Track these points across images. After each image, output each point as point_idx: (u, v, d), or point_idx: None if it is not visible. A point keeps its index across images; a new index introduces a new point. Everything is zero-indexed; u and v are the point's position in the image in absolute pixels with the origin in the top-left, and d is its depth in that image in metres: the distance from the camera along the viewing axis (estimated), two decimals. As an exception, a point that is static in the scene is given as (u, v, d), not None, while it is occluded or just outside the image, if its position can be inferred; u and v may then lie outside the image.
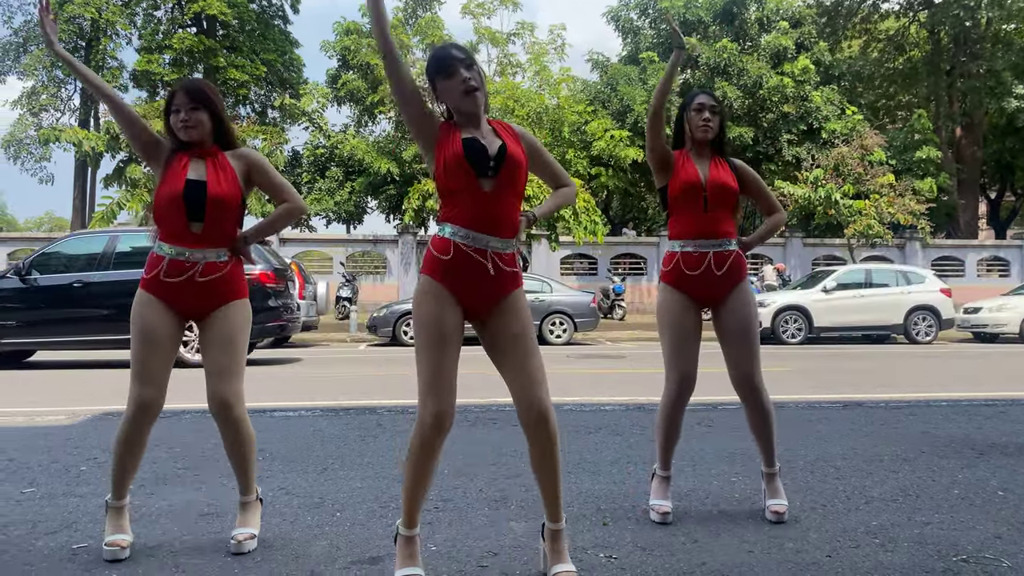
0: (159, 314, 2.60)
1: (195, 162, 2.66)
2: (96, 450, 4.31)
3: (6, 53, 28.76)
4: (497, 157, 2.27)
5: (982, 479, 3.61)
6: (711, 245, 2.95)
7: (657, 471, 3.09)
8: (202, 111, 2.64)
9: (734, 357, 2.99)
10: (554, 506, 2.34)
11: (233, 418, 2.63)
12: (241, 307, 2.69)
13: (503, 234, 2.28)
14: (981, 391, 7.00)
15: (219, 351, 2.63)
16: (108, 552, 2.53)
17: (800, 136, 24.73)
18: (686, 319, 2.98)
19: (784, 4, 26.25)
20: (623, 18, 28.18)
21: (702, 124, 2.99)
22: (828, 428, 5.00)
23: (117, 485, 2.63)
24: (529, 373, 2.28)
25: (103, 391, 6.99)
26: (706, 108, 3.00)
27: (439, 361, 2.23)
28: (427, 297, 2.27)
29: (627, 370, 9.32)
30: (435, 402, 2.21)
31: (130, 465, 2.63)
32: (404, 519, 2.31)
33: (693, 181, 2.95)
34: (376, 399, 6.47)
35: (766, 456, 3.07)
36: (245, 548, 2.60)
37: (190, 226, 2.59)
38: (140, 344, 2.58)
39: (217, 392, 2.61)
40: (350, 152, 23.34)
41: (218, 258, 2.63)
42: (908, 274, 16.03)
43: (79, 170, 28.16)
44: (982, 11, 25.77)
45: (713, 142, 3.05)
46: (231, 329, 2.65)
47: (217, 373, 2.62)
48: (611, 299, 20.00)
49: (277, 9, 30.94)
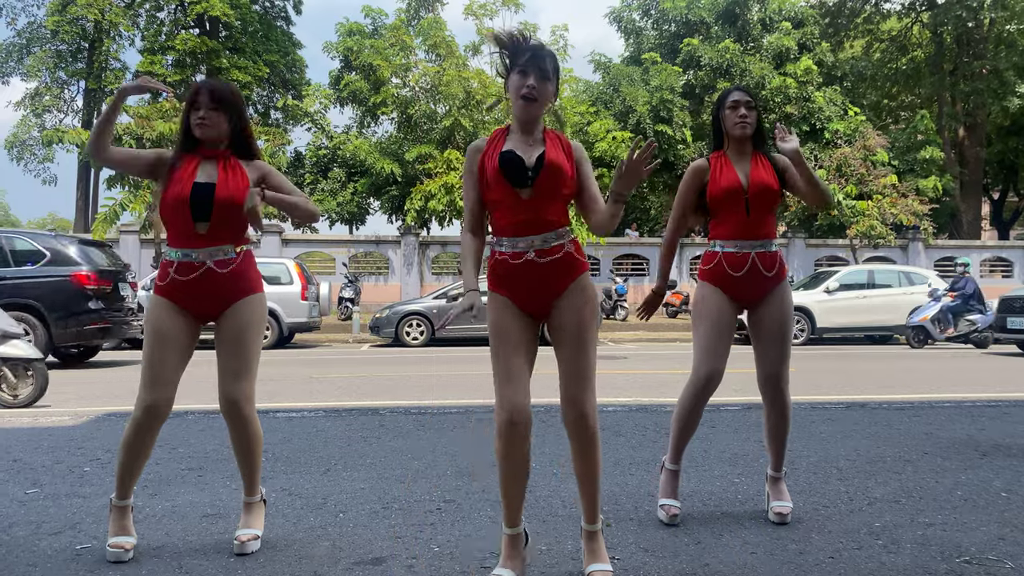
0: (171, 316, 2.60)
1: (206, 164, 2.65)
2: (100, 451, 4.32)
3: (9, 54, 28.84)
4: (535, 167, 2.26)
5: (985, 480, 3.61)
6: (754, 246, 2.93)
7: (666, 464, 3.07)
8: (221, 113, 2.63)
9: (767, 356, 2.97)
10: (590, 507, 2.36)
11: (243, 417, 2.63)
12: (253, 303, 2.68)
13: (543, 230, 2.28)
14: (984, 392, 6.99)
15: (230, 349, 2.63)
16: (112, 554, 2.53)
17: (803, 137, 24.69)
18: (724, 315, 2.96)
19: (786, 5, 26.24)
20: (625, 19, 28.19)
21: (739, 121, 2.95)
22: (831, 429, 4.99)
23: (121, 485, 2.63)
24: (574, 370, 2.28)
25: (107, 392, 7.00)
26: (741, 104, 2.96)
27: (503, 363, 2.26)
28: (490, 305, 2.34)
29: (630, 371, 9.31)
30: (499, 406, 2.23)
31: (135, 466, 2.63)
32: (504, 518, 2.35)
33: (734, 186, 2.91)
34: (379, 400, 6.47)
35: (776, 460, 3.05)
36: (248, 549, 2.61)
37: (196, 227, 2.58)
38: (152, 345, 2.59)
39: (227, 391, 2.61)
40: (352, 153, 23.35)
41: (225, 255, 2.62)
42: (911, 275, 16.00)
43: (82, 171, 28.21)
44: (985, 11, 25.75)
45: (753, 138, 3.01)
46: (242, 327, 2.64)
47: (228, 371, 2.62)
48: (613, 300, 19.99)
49: (280, 10, 31.01)
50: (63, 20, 26.50)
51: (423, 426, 5.14)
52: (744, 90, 3.01)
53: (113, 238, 19.61)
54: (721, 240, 2.97)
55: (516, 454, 2.25)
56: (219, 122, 2.64)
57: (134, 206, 17.29)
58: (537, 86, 2.27)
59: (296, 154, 26.69)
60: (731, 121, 2.97)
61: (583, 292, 2.33)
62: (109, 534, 2.59)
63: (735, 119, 2.96)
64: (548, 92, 2.30)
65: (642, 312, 3.16)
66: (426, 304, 14.68)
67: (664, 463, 3.09)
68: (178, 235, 2.60)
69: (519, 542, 2.34)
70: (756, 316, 3.01)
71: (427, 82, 22.22)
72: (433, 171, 20.70)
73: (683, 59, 25.26)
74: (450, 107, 21.46)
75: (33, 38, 28.75)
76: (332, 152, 25.03)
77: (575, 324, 2.30)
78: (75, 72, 28.44)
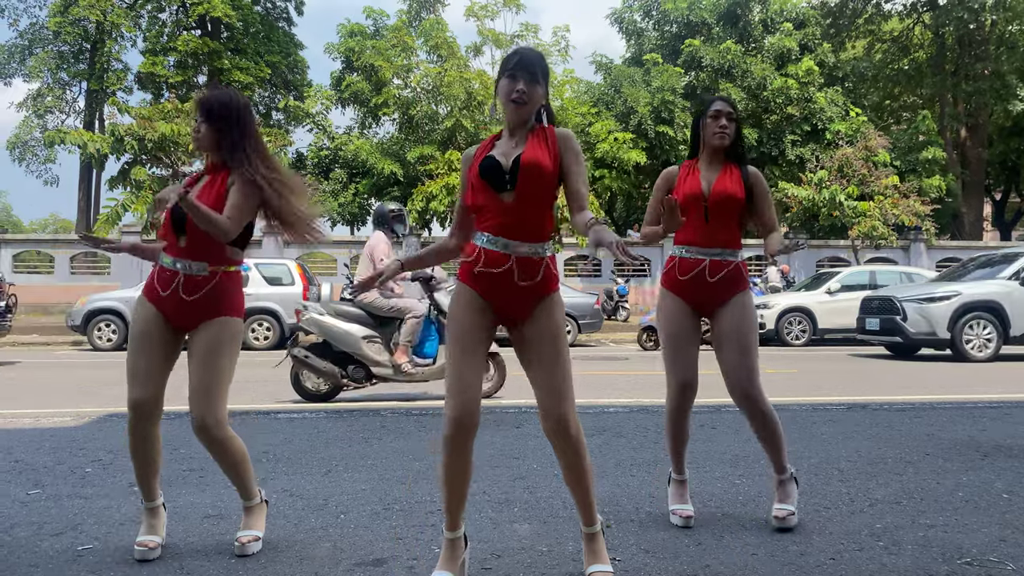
0: (151, 317, 2.62)
1: (203, 181, 2.68)
2: (101, 452, 4.32)
3: (11, 55, 28.90)
4: (512, 170, 2.26)
5: (987, 482, 3.60)
6: (708, 253, 2.94)
7: (672, 476, 3.09)
8: (204, 123, 2.64)
9: (728, 367, 2.94)
10: (586, 511, 2.36)
11: (212, 439, 2.58)
12: (225, 324, 2.62)
13: (529, 239, 2.27)
14: (986, 393, 6.98)
15: (196, 367, 2.58)
16: (137, 552, 2.57)
17: (804, 137, 24.72)
18: (682, 324, 2.98)
19: (788, 5, 26.25)
20: (627, 20, 28.21)
21: (718, 131, 2.97)
22: (832, 430, 4.99)
23: (142, 488, 2.66)
24: (550, 383, 2.26)
25: (108, 393, 7.01)
26: (723, 115, 2.97)
27: (457, 363, 2.25)
28: (456, 299, 2.33)
29: (630, 372, 9.31)
30: (451, 403, 2.22)
31: (146, 467, 2.64)
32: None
33: (695, 192, 2.94)
34: (380, 401, 6.48)
35: (775, 463, 3.02)
36: (249, 551, 2.61)
37: (178, 240, 2.60)
38: (132, 345, 2.62)
39: (196, 415, 2.56)
40: (354, 154, 23.38)
41: (197, 272, 2.59)
42: (913, 276, 15.97)
43: (84, 172, 28.26)
44: (986, 12, 25.73)
45: (729, 150, 3.02)
46: (212, 345, 2.59)
47: (197, 391, 2.56)
48: (615, 300, 19.99)
49: (281, 11, 31.04)
50: (65, 21, 26.56)
51: (424, 427, 5.14)
52: (728, 101, 3.03)
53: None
54: (678, 245, 3.00)
55: (462, 456, 2.24)
56: (208, 135, 2.64)
57: (136, 207, 17.32)
58: (526, 90, 2.27)
59: (298, 155, 26.71)
60: (710, 130, 2.98)
61: (554, 305, 2.32)
62: (139, 533, 2.64)
63: (715, 128, 2.97)
64: (537, 95, 2.30)
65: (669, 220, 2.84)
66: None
67: (671, 475, 3.10)
68: (168, 245, 2.64)
69: (459, 546, 2.33)
70: (715, 327, 3.00)
71: (428, 83, 22.23)
72: (435, 172, 20.71)
73: (684, 60, 25.27)
74: (451, 108, 21.47)
75: (35, 39, 28.81)
76: (334, 153, 25.06)
77: (550, 335, 2.29)
78: (77, 73, 28.50)
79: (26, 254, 20.93)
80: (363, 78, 23.49)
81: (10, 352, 12.99)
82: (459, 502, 2.30)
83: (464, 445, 2.23)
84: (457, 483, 2.27)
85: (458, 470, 2.25)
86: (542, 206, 2.29)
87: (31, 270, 20.50)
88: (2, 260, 20.10)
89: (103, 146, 18.41)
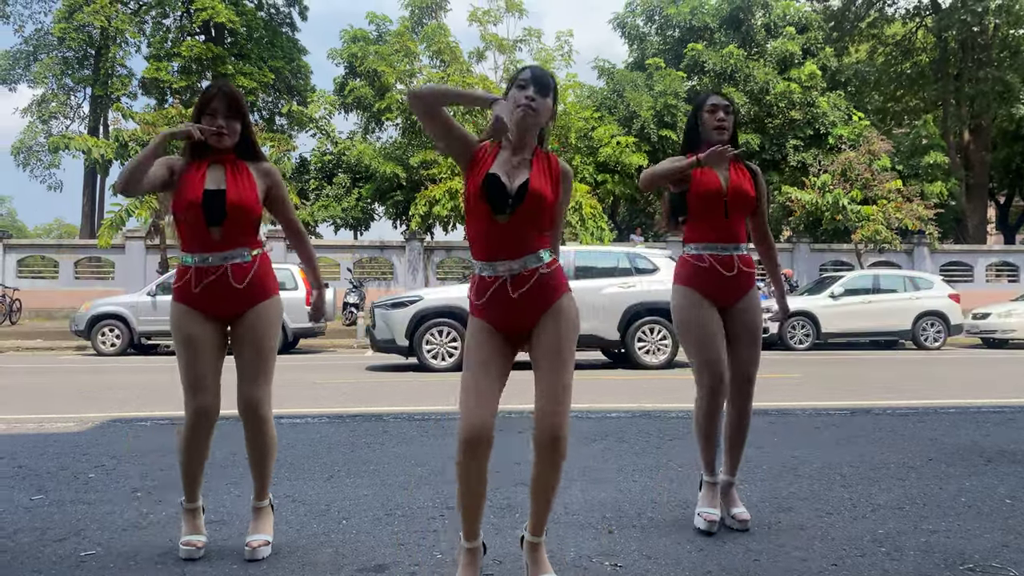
0: (197, 322, 2.64)
1: (213, 170, 2.67)
2: (104, 457, 4.33)
3: (16, 61, 29.03)
4: (516, 196, 2.23)
5: (990, 487, 3.59)
6: (736, 249, 2.95)
7: (704, 478, 3.03)
8: (236, 121, 2.67)
9: (740, 357, 2.98)
10: (540, 520, 2.34)
11: (260, 418, 2.67)
12: (270, 306, 2.71)
13: (518, 255, 2.25)
14: (989, 398, 6.96)
15: (249, 352, 2.66)
16: (184, 551, 2.61)
17: (806, 142, 24.70)
18: (710, 316, 2.94)
19: (791, 10, 26.26)
20: (629, 24, 28.25)
21: (717, 124, 2.95)
22: (834, 435, 4.98)
23: (188, 490, 2.70)
24: (548, 391, 2.25)
25: (112, 398, 7.02)
26: (720, 108, 2.96)
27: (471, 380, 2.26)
28: (470, 327, 2.35)
29: (633, 377, 9.30)
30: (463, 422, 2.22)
31: (197, 470, 2.69)
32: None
33: (714, 189, 2.91)
34: (383, 406, 6.48)
35: (735, 464, 3.07)
36: (259, 555, 2.62)
37: (210, 232, 2.61)
38: (185, 353, 2.63)
39: (247, 393, 2.65)
40: (357, 158, 23.42)
41: (242, 259, 2.65)
42: (916, 279, 15.96)
43: (88, 177, 28.35)
44: (989, 16, 25.72)
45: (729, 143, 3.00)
46: (260, 330, 2.68)
47: (247, 375, 2.66)
48: (618, 305, 19.95)
49: (285, 17, 31.14)
50: (70, 27, 26.67)
51: (426, 432, 5.14)
52: (722, 95, 3.02)
53: (119, 244, 19.71)
54: (701, 243, 2.96)
55: (477, 471, 2.24)
56: (236, 131, 2.68)
57: (140, 212, 17.38)
58: (537, 98, 2.26)
59: (301, 160, 26.77)
60: (710, 124, 2.96)
61: (561, 312, 2.30)
62: (182, 534, 2.67)
63: (714, 122, 2.95)
64: (547, 107, 2.29)
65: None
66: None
67: (703, 478, 3.05)
68: (193, 240, 2.63)
69: (478, 555, 2.35)
70: (732, 318, 2.99)
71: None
72: (437, 176, 20.75)
73: (687, 64, 25.30)
74: (454, 113, 21.48)
75: (40, 45, 28.94)
76: (337, 158, 25.11)
77: (553, 342, 2.28)
78: (81, 79, 28.60)
79: (31, 259, 21.00)
80: (366, 83, 23.55)
81: (14, 357, 13.02)
82: (479, 512, 2.33)
83: (483, 460, 2.24)
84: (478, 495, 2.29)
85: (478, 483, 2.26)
86: (535, 230, 2.29)
87: (35, 275, 20.56)
88: (7, 265, 20.17)
89: (107, 151, 18.50)
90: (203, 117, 2.65)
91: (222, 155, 2.69)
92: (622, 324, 10.11)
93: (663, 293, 9.96)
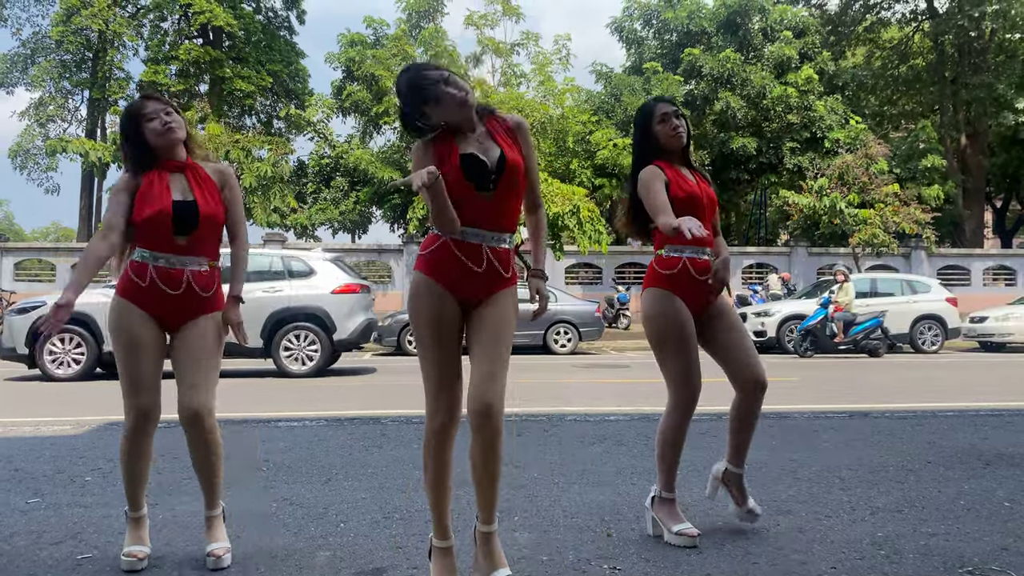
0: (140, 321, 2.56)
1: (174, 178, 2.60)
2: (101, 460, 4.31)
3: (14, 64, 28.99)
4: (497, 169, 2.29)
5: (988, 490, 3.59)
6: (707, 253, 2.91)
7: (662, 494, 2.89)
8: (175, 114, 2.61)
9: (744, 351, 2.90)
10: (489, 507, 2.31)
11: (205, 428, 2.57)
12: (215, 319, 2.66)
13: (502, 229, 2.32)
14: (987, 401, 6.96)
15: (193, 363, 2.58)
16: (125, 562, 2.54)
17: (803, 145, 24.75)
18: (688, 325, 2.85)
19: (788, 14, 26.32)
20: (627, 28, 28.30)
21: (672, 133, 2.89)
22: (833, 438, 4.98)
23: (131, 498, 2.65)
24: (486, 362, 2.24)
25: (109, 401, 7.00)
26: (671, 115, 2.90)
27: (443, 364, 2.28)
28: (422, 292, 2.31)
29: (631, 380, 9.30)
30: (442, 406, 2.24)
31: (139, 476, 2.64)
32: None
33: (695, 192, 2.88)
34: (380, 409, 6.47)
35: (742, 455, 2.99)
36: (224, 563, 2.56)
37: (175, 239, 2.56)
38: (127, 354, 2.56)
39: (189, 403, 2.55)
40: (355, 162, 23.43)
41: (200, 267, 2.61)
42: (914, 283, 15.99)
43: (85, 180, 28.31)
44: (986, 21, 25.80)
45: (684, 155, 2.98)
46: (206, 341, 2.61)
47: (190, 384, 2.57)
48: (615, 308, 19.99)
49: (283, 20, 31.14)
50: (67, 30, 26.65)
51: (425, 435, 5.12)
52: (669, 101, 2.98)
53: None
54: (680, 245, 2.83)
55: (447, 458, 2.26)
56: (181, 123, 2.61)
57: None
58: (456, 89, 2.29)
59: (299, 163, 26.78)
60: (666, 134, 2.90)
61: (511, 293, 2.37)
62: (125, 543, 2.61)
63: (669, 131, 2.89)
64: (461, 83, 2.33)
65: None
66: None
67: (659, 494, 2.89)
68: (155, 243, 2.55)
69: (453, 555, 2.35)
70: (712, 322, 2.92)
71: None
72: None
73: (684, 69, 25.35)
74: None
75: (38, 48, 28.90)
76: (335, 161, 25.13)
77: (499, 315, 2.30)
78: (79, 82, 28.57)
79: (28, 262, 20.97)
80: (364, 87, 23.57)
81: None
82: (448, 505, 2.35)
83: (451, 445, 2.27)
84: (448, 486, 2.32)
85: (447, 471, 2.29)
86: (516, 199, 2.36)
87: (32, 278, 20.53)
88: (4, 268, 20.13)
89: (104, 154, 18.50)
90: (144, 126, 2.56)
91: (177, 162, 2.62)
92: (266, 331, 9.49)
93: (314, 298, 9.66)
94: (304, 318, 9.61)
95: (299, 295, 9.68)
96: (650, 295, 2.90)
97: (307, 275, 9.93)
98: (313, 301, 9.68)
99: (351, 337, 9.92)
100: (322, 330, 9.62)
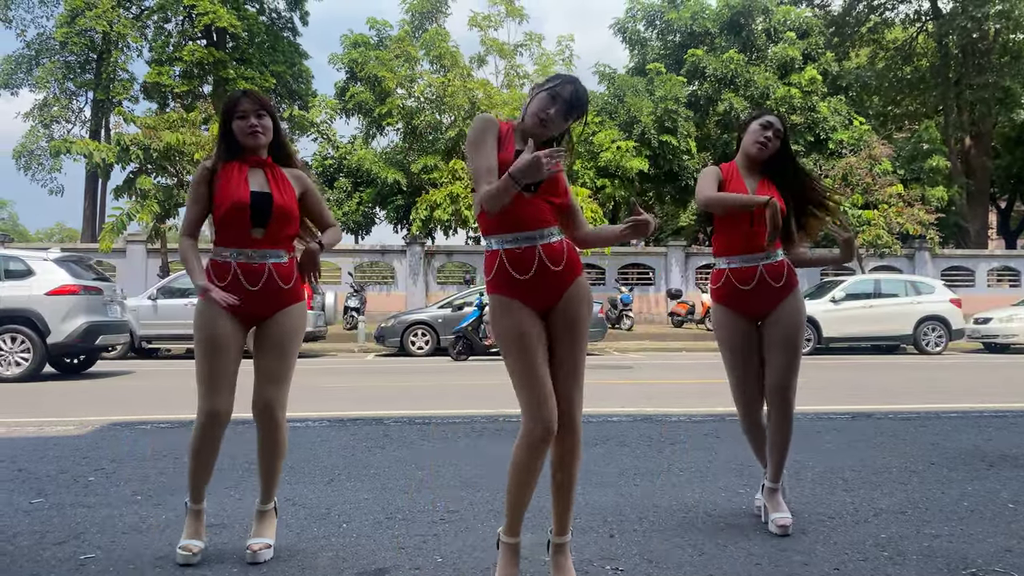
0: (225, 321, 2.61)
1: (253, 172, 2.68)
2: (105, 460, 4.32)
3: (19, 66, 29.07)
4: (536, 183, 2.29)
5: (992, 491, 3.58)
6: (760, 259, 2.94)
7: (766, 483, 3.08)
8: (267, 118, 2.68)
9: (773, 365, 2.97)
10: (565, 519, 2.37)
11: (275, 421, 2.67)
12: (298, 311, 2.72)
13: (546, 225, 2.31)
14: (991, 402, 6.94)
15: (272, 356, 2.66)
16: (180, 556, 2.58)
17: (807, 147, 24.70)
18: (740, 336, 3.00)
19: (791, 15, 26.28)
20: (630, 30, 28.27)
21: (760, 141, 2.94)
22: (836, 439, 4.97)
23: (194, 490, 2.69)
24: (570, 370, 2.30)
25: (112, 402, 7.02)
26: (771, 127, 2.95)
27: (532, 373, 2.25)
28: (500, 309, 2.30)
29: (634, 381, 9.29)
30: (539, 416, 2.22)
31: (206, 471, 2.69)
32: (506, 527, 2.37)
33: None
34: (383, 410, 6.47)
35: (777, 471, 3.04)
36: (261, 558, 2.61)
37: (252, 232, 2.62)
38: (209, 353, 2.60)
39: (264, 395, 2.65)
40: (358, 163, 23.44)
41: (279, 259, 2.66)
42: (917, 284, 15.95)
43: (90, 181, 28.38)
44: (989, 21, 25.74)
45: (765, 165, 3.00)
46: (286, 334, 2.68)
47: (267, 377, 2.65)
48: (619, 309, 19.96)
49: (286, 21, 31.19)
50: (72, 32, 26.72)
51: (427, 436, 5.13)
52: (781, 118, 3.01)
53: (120, 248, 19.71)
54: (727, 256, 2.98)
55: (538, 466, 2.27)
56: (268, 128, 2.69)
57: (141, 216, 17.37)
58: (555, 120, 2.31)
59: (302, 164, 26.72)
60: (754, 136, 2.95)
61: (580, 288, 2.34)
62: (182, 537, 2.65)
63: (759, 137, 2.94)
64: (563, 128, 2.38)
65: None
66: (431, 314, 14.69)
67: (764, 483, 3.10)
68: (233, 238, 2.62)
69: (518, 552, 2.36)
70: (766, 327, 3.01)
71: (432, 93, 22.32)
72: (438, 181, 20.77)
73: (688, 70, 25.31)
74: (455, 117, 21.54)
75: (42, 50, 28.97)
76: (338, 162, 25.14)
77: (574, 321, 2.31)
78: (83, 83, 28.65)
79: (32, 263, 20.96)
80: (367, 88, 23.57)
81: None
82: (525, 508, 2.36)
83: (544, 454, 2.27)
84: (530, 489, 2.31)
85: (534, 477, 2.28)
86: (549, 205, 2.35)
87: (36, 279, 20.53)
88: (8, 269, 20.12)
89: (109, 155, 18.49)
90: (234, 121, 2.66)
91: (259, 158, 2.70)
92: None
93: (27, 299, 9.26)
94: (15, 320, 9.20)
95: (11, 296, 9.26)
96: (712, 307, 3.12)
97: (23, 275, 9.49)
98: (25, 303, 9.25)
99: (67, 340, 9.39)
100: (35, 332, 9.22)
